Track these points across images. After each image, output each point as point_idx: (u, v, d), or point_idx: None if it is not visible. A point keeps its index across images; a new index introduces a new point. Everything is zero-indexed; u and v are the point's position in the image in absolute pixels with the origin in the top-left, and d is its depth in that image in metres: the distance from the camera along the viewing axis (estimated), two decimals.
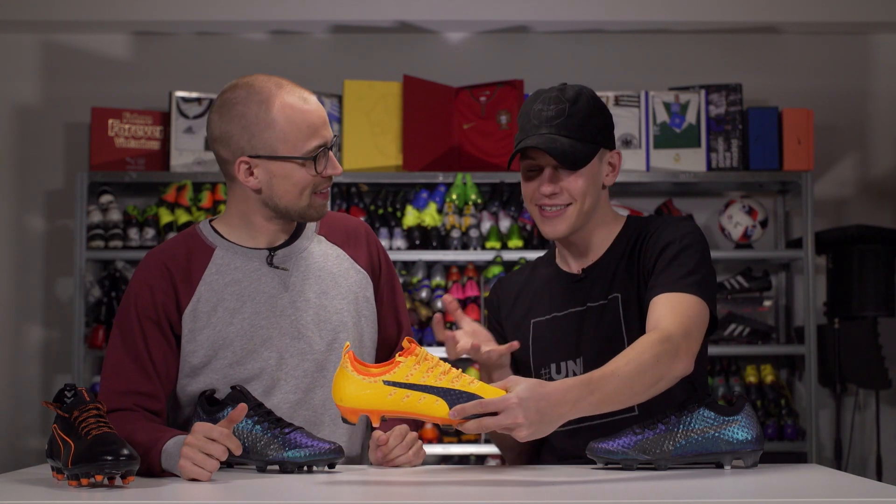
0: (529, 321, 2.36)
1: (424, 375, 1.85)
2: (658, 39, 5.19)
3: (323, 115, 2.25)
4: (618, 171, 2.33)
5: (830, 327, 4.89)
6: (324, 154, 2.23)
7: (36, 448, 5.00)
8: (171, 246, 2.32)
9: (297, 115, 2.21)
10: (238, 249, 2.29)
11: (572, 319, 2.30)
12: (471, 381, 1.86)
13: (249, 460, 2.06)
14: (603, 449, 2.02)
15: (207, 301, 2.24)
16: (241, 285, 2.26)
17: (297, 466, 2.02)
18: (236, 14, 5.06)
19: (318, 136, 2.22)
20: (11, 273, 5.15)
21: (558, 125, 2.23)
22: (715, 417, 2.03)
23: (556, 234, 2.28)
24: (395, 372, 1.86)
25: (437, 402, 1.84)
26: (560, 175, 2.25)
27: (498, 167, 4.87)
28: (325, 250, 2.35)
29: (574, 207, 2.25)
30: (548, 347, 2.32)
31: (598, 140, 2.26)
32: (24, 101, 5.20)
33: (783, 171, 4.84)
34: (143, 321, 2.22)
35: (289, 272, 2.29)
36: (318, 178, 2.23)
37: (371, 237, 2.43)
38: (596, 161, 2.27)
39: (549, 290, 2.37)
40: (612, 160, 2.32)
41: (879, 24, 5.16)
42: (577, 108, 2.24)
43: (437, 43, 5.25)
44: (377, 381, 1.86)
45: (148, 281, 2.25)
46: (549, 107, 2.25)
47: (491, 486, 1.87)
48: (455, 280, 4.86)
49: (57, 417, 1.91)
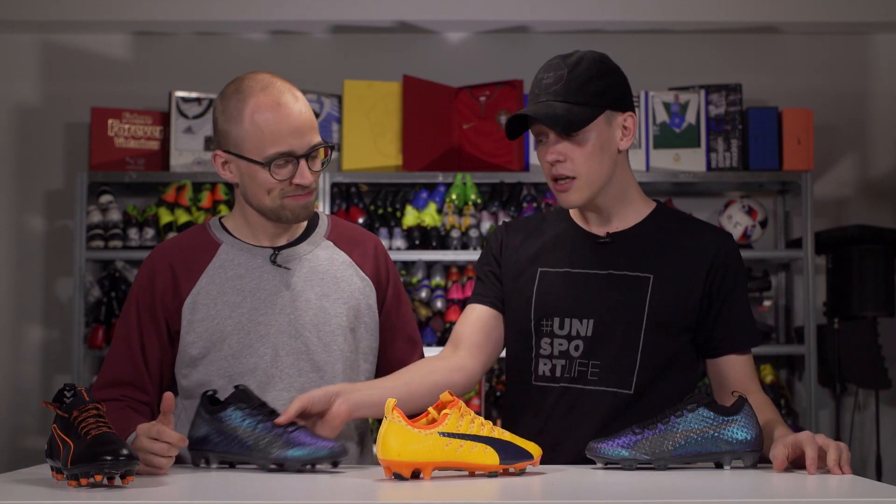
0: (536, 268, 2.34)
1: (470, 426, 1.91)
2: (658, 39, 5.19)
3: (297, 123, 2.20)
4: (633, 133, 2.28)
5: (830, 327, 4.89)
6: (286, 163, 2.20)
7: (35, 448, 5.00)
8: (178, 240, 2.37)
9: (263, 118, 2.19)
10: (243, 246, 2.32)
11: (589, 280, 2.28)
12: (501, 430, 1.96)
13: (252, 459, 2.06)
14: (603, 449, 2.02)
15: (208, 293, 2.27)
16: (243, 280, 2.28)
17: (300, 465, 2.01)
18: (236, 14, 5.06)
19: (280, 143, 2.19)
20: (11, 273, 5.15)
21: (555, 91, 2.22)
22: (714, 417, 2.03)
23: (571, 203, 2.27)
24: (447, 423, 1.90)
25: (487, 450, 1.92)
26: (564, 143, 2.23)
27: (498, 167, 4.87)
28: (331, 255, 2.36)
29: (581, 181, 2.24)
30: (555, 300, 2.29)
31: (601, 103, 2.22)
32: (24, 101, 5.20)
33: (783, 171, 4.84)
34: (140, 312, 2.28)
35: (291, 271, 2.30)
36: (282, 184, 2.22)
37: (380, 250, 2.43)
38: (602, 125, 2.23)
39: (565, 244, 2.34)
40: (627, 123, 2.27)
41: (879, 24, 5.16)
42: (576, 72, 2.23)
43: (437, 43, 5.26)
44: (433, 433, 1.88)
45: (150, 273, 2.31)
46: (549, 74, 2.24)
47: (491, 486, 1.87)
48: (455, 280, 4.86)
49: (56, 417, 1.91)
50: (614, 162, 2.27)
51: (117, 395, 2.24)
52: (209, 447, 2.09)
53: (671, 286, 2.25)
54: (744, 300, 2.31)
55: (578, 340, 2.27)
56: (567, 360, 2.27)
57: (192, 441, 2.08)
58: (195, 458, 2.11)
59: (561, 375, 2.27)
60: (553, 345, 2.28)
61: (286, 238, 2.34)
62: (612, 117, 2.26)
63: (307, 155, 2.21)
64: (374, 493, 1.83)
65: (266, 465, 2.04)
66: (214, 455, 2.09)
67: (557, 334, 2.28)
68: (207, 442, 2.08)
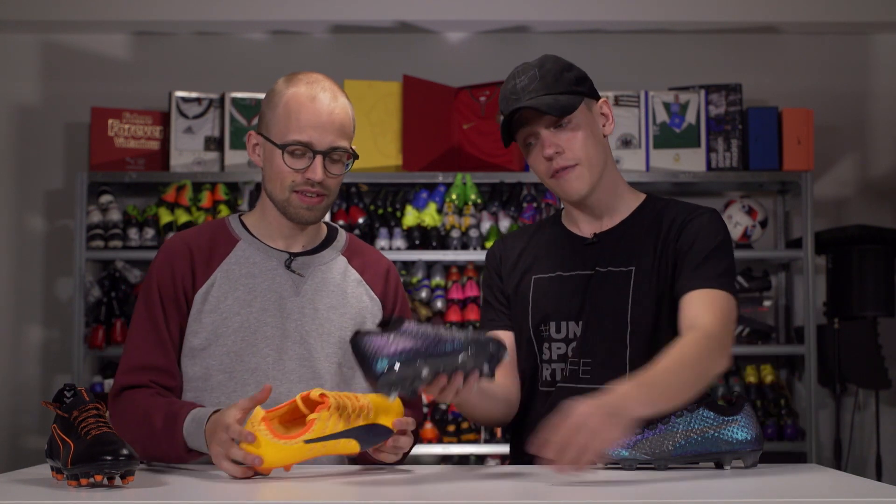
0: (531, 277, 2.35)
1: (337, 424, 1.96)
2: (658, 39, 5.19)
3: (324, 119, 2.24)
4: (612, 118, 2.33)
5: (830, 327, 4.89)
6: (302, 153, 2.23)
7: (35, 448, 5.00)
8: (196, 231, 2.38)
9: (294, 105, 2.25)
10: (260, 246, 2.34)
11: (578, 281, 2.29)
12: (369, 410, 2.00)
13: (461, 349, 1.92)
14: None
15: (220, 287, 2.28)
16: (256, 280, 2.30)
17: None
18: (236, 14, 5.06)
19: (301, 132, 2.23)
20: (11, 273, 5.15)
21: (535, 89, 2.24)
22: (715, 417, 2.03)
23: (577, 192, 2.27)
24: (314, 430, 1.94)
25: (350, 442, 1.98)
26: (557, 135, 2.25)
27: (498, 167, 4.87)
28: (344, 270, 2.38)
29: (582, 167, 2.26)
30: (549, 305, 2.31)
31: (578, 90, 2.27)
32: (24, 101, 5.20)
33: (783, 171, 4.84)
34: (163, 296, 2.28)
35: (304, 279, 2.32)
36: (295, 175, 2.24)
37: (392, 274, 2.45)
38: (585, 111, 2.27)
39: (555, 249, 2.36)
40: (603, 110, 2.33)
41: (879, 24, 5.16)
42: (545, 69, 2.26)
43: (437, 43, 5.26)
44: (298, 442, 1.93)
45: (169, 260, 2.31)
46: (519, 79, 2.26)
47: (490, 486, 1.87)
48: (455, 280, 4.86)
49: (56, 417, 1.91)
50: (605, 148, 2.31)
51: (146, 381, 2.23)
52: (412, 356, 1.88)
53: (649, 274, 2.25)
54: (705, 249, 2.22)
55: (574, 342, 2.28)
56: (565, 363, 2.28)
57: (382, 370, 1.88)
58: (404, 383, 1.88)
59: (560, 378, 2.28)
60: (552, 349, 2.30)
61: (302, 245, 2.36)
62: (591, 104, 2.30)
63: (326, 153, 2.24)
64: (373, 494, 1.83)
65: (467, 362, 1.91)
66: (425, 364, 1.89)
67: (555, 338, 2.30)
68: (408, 352, 1.88)
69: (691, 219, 2.27)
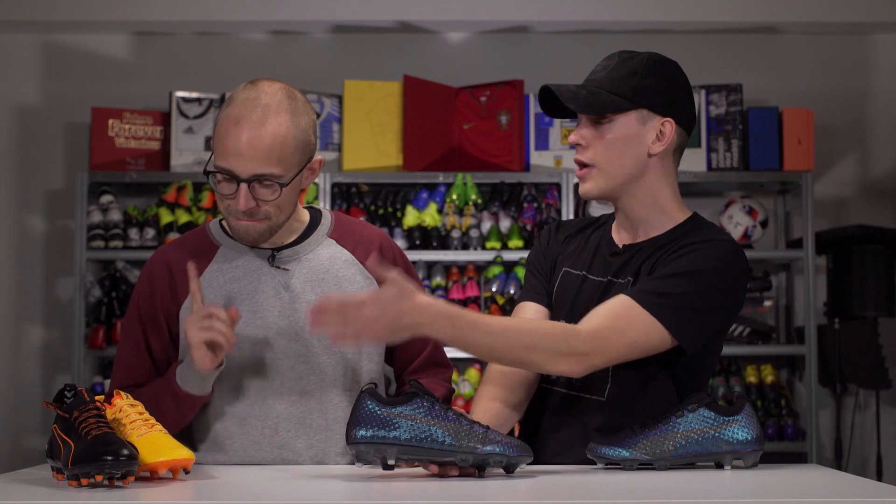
0: (562, 268, 2.31)
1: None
2: (658, 39, 5.19)
3: (244, 147, 2.13)
4: (668, 140, 2.18)
5: (830, 327, 4.89)
6: (227, 181, 2.15)
7: (36, 448, 5.00)
8: (178, 243, 2.36)
9: (222, 129, 2.16)
10: (242, 248, 2.30)
11: (595, 287, 2.24)
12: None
13: (456, 452, 1.90)
14: (603, 449, 2.02)
15: (205, 297, 2.23)
16: (241, 283, 2.27)
17: (500, 464, 1.91)
18: (236, 14, 5.06)
19: (225, 158, 2.15)
20: (11, 273, 5.16)
21: (597, 79, 2.19)
22: (715, 417, 2.03)
23: (585, 193, 2.23)
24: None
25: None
26: (591, 127, 2.19)
27: (498, 167, 4.87)
28: (333, 253, 2.33)
29: (597, 171, 2.19)
30: (564, 301, 2.27)
31: (637, 99, 2.15)
32: (24, 101, 5.20)
33: (783, 171, 4.84)
34: (142, 316, 2.28)
35: (290, 272, 2.28)
36: (226, 200, 2.19)
37: (387, 245, 2.39)
38: (633, 121, 2.17)
39: (591, 249, 2.30)
40: (664, 128, 2.18)
41: (879, 24, 5.16)
42: (624, 65, 2.18)
43: (437, 43, 5.26)
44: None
45: (150, 277, 2.30)
46: (602, 64, 2.22)
47: (491, 486, 1.87)
48: (455, 280, 4.86)
49: (57, 417, 1.91)
50: (641, 163, 2.19)
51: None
52: (389, 442, 1.88)
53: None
54: (672, 269, 2.10)
55: None
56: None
57: (357, 438, 1.89)
58: (367, 456, 1.90)
59: (557, 379, 2.26)
60: None
61: (285, 238, 2.31)
62: (648, 118, 2.17)
63: (249, 182, 2.15)
64: (373, 493, 1.83)
65: (468, 459, 1.90)
66: (398, 450, 1.89)
67: None
68: (385, 439, 1.88)
69: (693, 242, 2.16)
